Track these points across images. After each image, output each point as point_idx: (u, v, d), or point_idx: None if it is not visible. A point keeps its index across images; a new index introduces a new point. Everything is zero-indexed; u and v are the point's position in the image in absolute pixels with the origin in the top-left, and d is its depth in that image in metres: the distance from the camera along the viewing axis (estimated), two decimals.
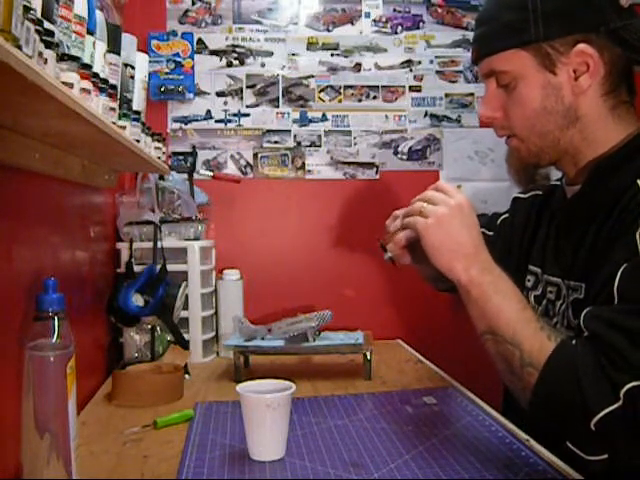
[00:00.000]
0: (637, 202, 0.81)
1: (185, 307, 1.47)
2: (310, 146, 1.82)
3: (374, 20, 1.85)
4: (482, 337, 0.87)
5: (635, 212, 0.80)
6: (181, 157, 1.71)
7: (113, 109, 0.93)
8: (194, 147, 1.76)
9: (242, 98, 1.80)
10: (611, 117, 0.91)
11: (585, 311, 0.79)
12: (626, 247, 0.78)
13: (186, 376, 1.29)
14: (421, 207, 0.89)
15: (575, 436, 0.77)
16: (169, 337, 1.44)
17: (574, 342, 0.79)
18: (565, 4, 0.89)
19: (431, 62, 1.87)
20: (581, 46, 0.87)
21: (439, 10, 1.88)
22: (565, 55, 0.88)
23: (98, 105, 0.85)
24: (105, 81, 0.88)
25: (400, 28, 1.86)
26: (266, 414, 0.86)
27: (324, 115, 1.83)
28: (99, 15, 0.85)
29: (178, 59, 1.75)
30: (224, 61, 1.80)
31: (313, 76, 1.83)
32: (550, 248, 1.02)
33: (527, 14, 0.89)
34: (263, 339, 1.33)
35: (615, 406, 0.72)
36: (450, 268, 0.87)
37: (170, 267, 1.46)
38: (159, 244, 1.48)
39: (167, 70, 1.75)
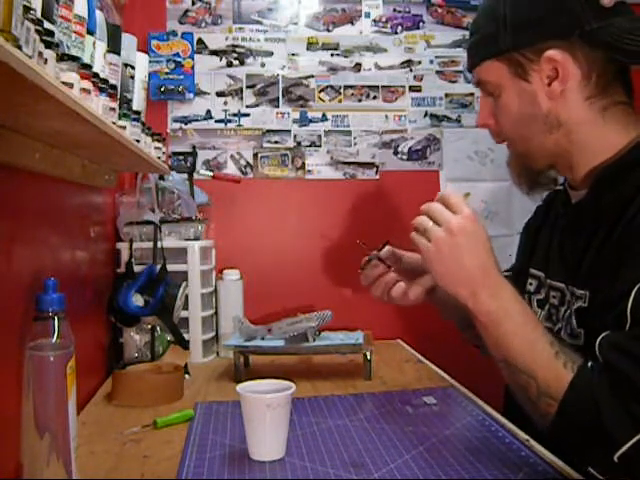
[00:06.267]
0: None
1: (185, 307, 1.47)
2: (310, 146, 1.82)
3: (374, 20, 1.85)
4: (498, 364, 0.85)
5: None
6: (181, 157, 1.71)
7: (113, 109, 0.93)
8: (194, 147, 1.77)
9: (242, 98, 1.81)
10: (602, 119, 0.89)
11: (601, 337, 0.77)
12: (637, 267, 0.77)
13: (186, 376, 1.29)
14: (425, 226, 0.86)
15: (597, 465, 0.76)
16: (169, 337, 1.44)
17: (590, 366, 0.77)
18: (533, 12, 0.89)
19: (431, 62, 1.87)
20: (549, 53, 0.87)
21: (439, 10, 1.88)
22: (536, 63, 0.89)
23: (98, 105, 0.85)
24: (105, 81, 0.88)
25: (400, 28, 1.86)
26: (266, 414, 0.86)
27: (324, 115, 1.83)
28: (99, 15, 0.85)
29: (178, 59, 1.75)
30: (224, 61, 1.80)
31: (313, 76, 1.83)
32: (554, 252, 1.01)
33: (499, 24, 0.90)
34: (263, 339, 1.33)
35: (637, 438, 0.71)
36: (456, 294, 0.85)
37: (170, 267, 1.46)
38: (159, 244, 1.48)
39: (167, 70, 1.75)
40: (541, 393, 0.78)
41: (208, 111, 1.79)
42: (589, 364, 0.77)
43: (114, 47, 0.93)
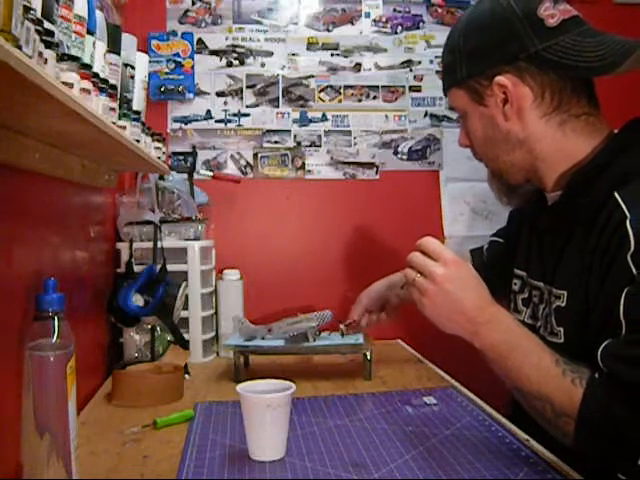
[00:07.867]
0: (618, 220, 0.80)
1: (185, 307, 1.47)
2: (310, 146, 1.82)
3: (374, 20, 1.85)
4: (512, 391, 0.87)
5: (619, 233, 0.80)
6: (181, 157, 1.71)
7: (113, 109, 0.93)
8: (194, 147, 1.76)
9: (242, 98, 1.80)
10: (561, 133, 0.92)
11: (602, 348, 0.79)
12: (621, 273, 0.78)
13: (186, 376, 1.29)
14: (414, 278, 0.89)
15: (625, 472, 0.78)
16: (169, 337, 1.44)
17: (597, 378, 0.78)
18: (482, 41, 0.94)
19: (431, 62, 1.87)
20: (497, 78, 0.92)
21: (439, 10, 1.88)
22: (489, 88, 0.94)
23: (98, 105, 0.85)
24: (105, 81, 0.88)
25: (400, 28, 1.86)
26: (266, 414, 0.86)
27: (324, 115, 1.83)
28: (99, 15, 0.85)
29: (178, 59, 1.75)
30: (224, 61, 1.80)
31: (313, 76, 1.83)
32: (534, 253, 1.04)
33: (455, 55, 0.97)
34: (263, 339, 1.33)
35: None
36: (461, 336, 0.88)
37: (170, 267, 1.46)
38: (159, 244, 1.48)
39: (167, 70, 1.75)
40: (557, 414, 0.80)
41: (208, 111, 1.79)
42: (595, 375, 0.78)
43: (114, 47, 0.93)
